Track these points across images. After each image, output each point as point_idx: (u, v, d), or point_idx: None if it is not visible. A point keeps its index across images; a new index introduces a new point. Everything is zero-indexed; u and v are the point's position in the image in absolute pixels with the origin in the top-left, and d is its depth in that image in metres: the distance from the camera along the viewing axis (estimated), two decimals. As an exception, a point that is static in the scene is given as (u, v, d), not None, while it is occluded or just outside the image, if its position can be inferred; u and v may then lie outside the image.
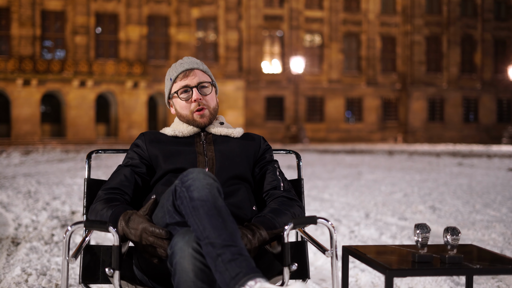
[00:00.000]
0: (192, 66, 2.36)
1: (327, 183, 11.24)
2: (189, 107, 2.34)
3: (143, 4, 38.64)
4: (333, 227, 2.11)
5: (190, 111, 2.34)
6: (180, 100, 2.35)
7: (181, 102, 2.35)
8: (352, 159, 20.56)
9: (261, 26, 42.24)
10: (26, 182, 11.03)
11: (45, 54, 37.64)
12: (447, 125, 46.41)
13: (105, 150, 2.61)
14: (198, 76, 2.35)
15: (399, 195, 9.21)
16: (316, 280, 3.94)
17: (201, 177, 1.94)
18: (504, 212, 7.29)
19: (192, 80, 2.34)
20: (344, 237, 5.51)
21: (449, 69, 46.23)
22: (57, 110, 38.39)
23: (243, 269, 1.77)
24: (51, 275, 3.96)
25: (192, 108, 2.33)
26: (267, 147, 2.44)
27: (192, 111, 2.33)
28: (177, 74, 2.35)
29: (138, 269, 2.17)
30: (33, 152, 24.93)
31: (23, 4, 36.35)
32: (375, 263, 1.96)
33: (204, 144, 2.33)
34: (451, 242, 2.00)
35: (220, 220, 1.86)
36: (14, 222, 6.39)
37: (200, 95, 2.33)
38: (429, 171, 14.45)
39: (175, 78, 2.35)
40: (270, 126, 42.13)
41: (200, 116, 2.33)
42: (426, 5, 45.93)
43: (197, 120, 2.34)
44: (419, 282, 3.78)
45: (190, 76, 2.34)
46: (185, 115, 2.35)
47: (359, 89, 44.56)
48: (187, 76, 2.34)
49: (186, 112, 2.35)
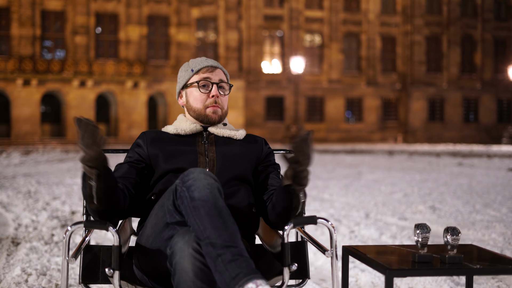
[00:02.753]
0: (217, 65, 2.38)
1: (327, 183, 11.24)
2: (204, 101, 2.32)
3: (143, 4, 38.64)
4: (333, 227, 2.12)
5: (204, 105, 2.32)
6: (197, 91, 2.33)
7: (197, 94, 2.33)
8: (352, 159, 20.55)
9: (261, 26, 42.25)
10: (26, 182, 11.03)
11: (45, 54, 37.64)
12: (447, 125, 46.41)
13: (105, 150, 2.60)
14: (220, 75, 2.36)
15: (399, 195, 9.20)
16: (316, 280, 3.94)
17: (202, 177, 1.94)
18: (504, 212, 7.29)
19: (215, 77, 2.34)
20: (344, 237, 5.50)
21: (449, 69, 46.23)
22: (57, 110, 38.39)
23: (243, 270, 1.77)
24: (51, 275, 3.95)
25: (208, 103, 2.32)
26: (270, 150, 2.43)
27: (206, 106, 2.32)
28: (201, 67, 2.34)
29: (138, 269, 2.17)
30: (33, 152, 24.93)
31: (23, 4, 36.34)
32: (375, 263, 1.96)
33: (205, 145, 2.32)
34: (451, 242, 2.00)
35: (220, 220, 1.86)
36: (14, 222, 6.39)
37: (218, 93, 2.33)
38: (429, 171, 14.45)
39: (199, 70, 2.35)
40: (270, 126, 42.13)
41: (213, 111, 2.32)
42: (426, 5, 45.93)
43: (209, 115, 2.32)
44: (419, 282, 3.78)
45: (214, 72, 2.34)
46: (196, 109, 2.34)
47: (359, 89, 44.56)
48: (211, 71, 2.34)
49: (199, 106, 2.33)
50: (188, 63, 2.40)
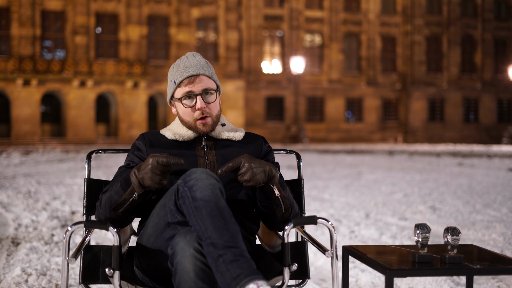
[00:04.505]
0: (198, 71, 2.25)
1: (327, 183, 11.24)
2: (192, 115, 2.27)
3: (143, 4, 38.64)
4: (333, 227, 2.11)
5: (193, 119, 2.27)
6: (183, 106, 2.28)
7: (184, 108, 2.28)
8: (352, 159, 20.55)
9: (261, 26, 42.24)
10: (26, 182, 11.03)
11: (45, 54, 37.64)
12: (447, 125, 46.41)
13: (105, 150, 2.60)
14: (203, 82, 2.25)
15: (399, 195, 9.20)
16: (316, 280, 3.94)
17: (204, 177, 1.94)
18: (504, 212, 7.29)
19: (197, 87, 2.25)
20: (344, 237, 5.50)
21: (449, 69, 46.23)
22: (57, 110, 38.39)
23: (244, 270, 1.77)
24: (51, 275, 3.95)
25: (196, 116, 2.27)
26: (269, 149, 2.42)
27: (195, 119, 2.27)
28: (181, 79, 2.25)
29: (139, 269, 2.17)
30: (33, 152, 24.93)
31: (23, 4, 36.35)
32: (375, 263, 1.96)
33: (205, 148, 2.31)
34: (451, 242, 2.00)
35: (222, 221, 1.86)
36: (14, 222, 6.38)
37: (204, 103, 2.26)
38: (429, 171, 14.45)
39: (180, 82, 2.27)
40: (270, 126, 42.12)
41: (203, 124, 2.27)
42: (426, 5, 45.93)
43: (199, 128, 2.28)
44: (419, 282, 3.78)
45: (195, 82, 2.24)
46: (187, 121, 2.30)
47: (359, 89, 44.56)
48: (192, 82, 2.24)
49: (188, 119, 2.29)
50: (173, 67, 2.33)
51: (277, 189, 2.11)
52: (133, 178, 2.00)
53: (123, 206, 2.07)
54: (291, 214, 2.20)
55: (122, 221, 2.15)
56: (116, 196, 2.08)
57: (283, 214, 2.17)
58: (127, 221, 2.18)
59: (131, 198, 2.05)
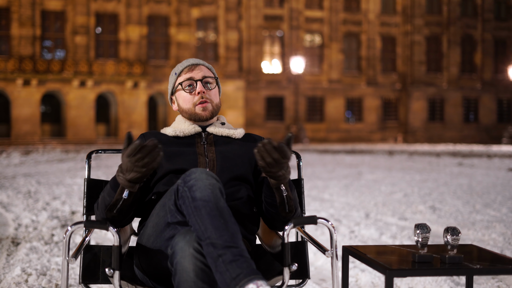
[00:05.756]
0: (198, 62, 2.40)
1: (327, 183, 11.24)
2: (192, 100, 2.35)
3: (143, 4, 38.64)
4: (333, 227, 2.12)
5: (193, 104, 2.35)
6: (184, 93, 2.36)
7: (184, 95, 2.36)
8: (352, 159, 20.55)
9: (261, 26, 42.25)
10: (26, 182, 11.03)
11: (45, 54, 37.64)
12: (447, 125, 46.41)
13: (105, 150, 2.61)
14: (203, 71, 2.38)
15: (399, 195, 9.20)
16: (316, 280, 3.95)
17: (204, 177, 1.94)
18: (504, 212, 7.29)
19: (197, 74, 2.37)
20: (344, 237, 5.50)
21: (449, 69, 46.23)
22: (57, 110, 38.39)
23: (244, 270, 1.77)
24: (51, 275, 3.95)
25: (195, 100, 2.34)
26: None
27: (195, 104, 2.34)
28: (182, 68, 2.39)
29: (139, 269, 2.18)
30: (33, 152, 24.93)
31: (23, 4, 36.34)
32: (375, 263, 1.96)
33: (205, 145, 2.32)
34: (451, 242, 2.00)
35: (221, 220, 1.86)
36: (14, 222, 6.39)
37: (204, 88, 2.35)
38: (429, 171, 14.45)
39: (180, 72, 2.39)
40: (270, 126, 42.12)
41: (203, 108, 2.34)
42: (426, 5, 45.93)
43: (199, 113, 2.34)
44: (419, 282, 3.78)
45: (195, 70, 2.37)
46: (187, 109, 2.36)
47: (359, 89, 44.56)
48: (192, 70, 2.37)
49: (188, 106, 2.36)
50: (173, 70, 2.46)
51: (285, 189, 2.13)
52: (121, 179, 2.02)
53: (116, 206, 2.08)
54: (293, 215, 2.21)
55: (121, 221, 2.15)
56: (108, 198, 2.10)
57: (286, 214, 2.18)
58: (126, 221, 2.18)
59: (123, 197, 2.05)
